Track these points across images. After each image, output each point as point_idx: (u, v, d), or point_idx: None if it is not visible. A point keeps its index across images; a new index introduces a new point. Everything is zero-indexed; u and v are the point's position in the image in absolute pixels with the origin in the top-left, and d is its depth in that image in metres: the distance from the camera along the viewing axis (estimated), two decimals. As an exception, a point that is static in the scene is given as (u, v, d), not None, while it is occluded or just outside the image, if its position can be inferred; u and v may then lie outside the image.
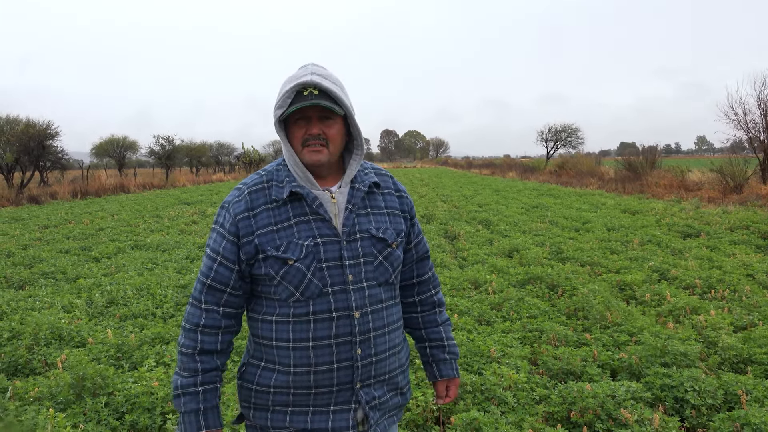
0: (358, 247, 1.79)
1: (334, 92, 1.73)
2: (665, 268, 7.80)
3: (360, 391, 1.79)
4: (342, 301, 1.75)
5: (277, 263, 1.73)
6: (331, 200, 1.80)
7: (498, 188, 26.12)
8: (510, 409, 3.87)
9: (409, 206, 1.99)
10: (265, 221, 1.75)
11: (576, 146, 55.84)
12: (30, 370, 4.74)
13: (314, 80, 1.71)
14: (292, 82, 1.74)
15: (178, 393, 1.76)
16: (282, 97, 1.73)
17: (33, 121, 28.02)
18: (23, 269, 8.65)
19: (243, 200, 1.78)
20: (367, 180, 1.87)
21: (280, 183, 1.80)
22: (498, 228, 12.38)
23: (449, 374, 2.07)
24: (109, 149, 42.12)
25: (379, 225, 1.85)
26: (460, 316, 5.82)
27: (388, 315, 1.85)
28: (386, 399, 1.87)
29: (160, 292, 6.85)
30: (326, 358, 1.74)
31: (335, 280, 1.75)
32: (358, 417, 1.81)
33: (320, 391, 1.77)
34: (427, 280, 2.08)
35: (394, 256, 1.86)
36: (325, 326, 1.74)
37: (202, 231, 13.15)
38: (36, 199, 23.11)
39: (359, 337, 1.76)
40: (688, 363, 4.49)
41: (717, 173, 20.84)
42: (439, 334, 2.08)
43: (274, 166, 1.86)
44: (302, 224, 1.76)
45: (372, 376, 1.81)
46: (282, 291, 1.75)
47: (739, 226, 11.70)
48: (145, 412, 3.71)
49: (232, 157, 56.10)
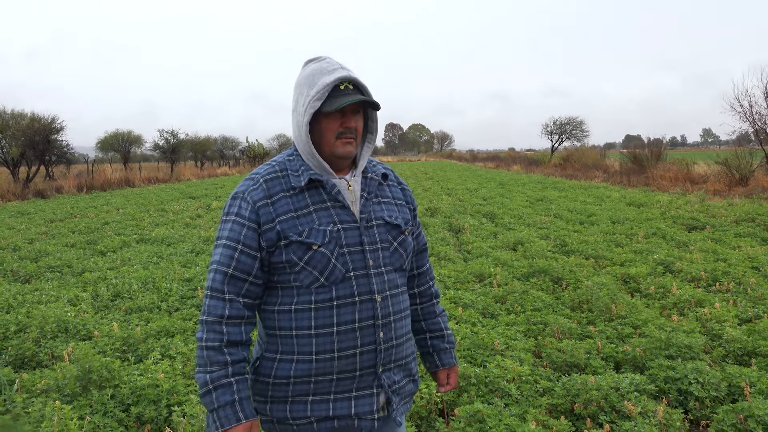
0: (375, 233, 1.84)
1: (367, 88, 1.80)
2: (670, 260, 7.78)
3: (382, 375, 1.83)
4: (364, 285, 1.78)
5: (301, 249, 1.74)
6: (347, 188, 1.84)
7: (502, 181, 26.07)
8: (514, 401, 3.88)
9: (411, 199, 2.06)
10: (285, 208, 1.77)
11: (581, 139, 55.74)
12: (37, 363, 4.78)
13: (351, 76, 1.77)
14: (328, 75, 1.77)
15: (209, 388, 1.71)
16: (321, 91, 1.75)
17: (38, 116, 28.08)
18: (29, 263, 8.69)
19: (260, 188, 1.79)
20: (378, 170, 1.95)
21: (295, 172, 1.82)
22: (502, 221, 12.37)
23: (450, 363, 2.13)
24: (114, 143, 42.20)
25: (390, 213, 1.91)
26: (464, 309, 5.83)
27: (403, 300, 1.91)
28: (403, 384, 1.92)
29: (165, 285, 6.88)
30: (350, 342, 1.76)
31: (357, 264, 1.78)
32: (380, 401, 1.84)
33: (343, 377, 1.78)
34: (425, 272, 2.13)
35: (407, 243, 1.92)
36: (349, 311, 1.76)
37: (207, 225, 13.18)
38: (42, 193, 23.20)
39: (381, 320, 1.80)
40: (693, 355, 4.49)
41: (722, 166, 20.74)
42: (438, 324, 2.13)
43: (284, 156, 1.88)
44: (321, 211, 1.79)
45: (392, 360, 1.85)
46: (305, 277, 1.76)
47: (745, 218, 11.65)
48: (151, 404, 3.73)
49: (237, 151, 56.14)
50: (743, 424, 3.45)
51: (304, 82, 1.81)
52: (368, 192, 1.88)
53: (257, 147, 49.57)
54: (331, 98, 1.76)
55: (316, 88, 1.76)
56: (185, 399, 3.77)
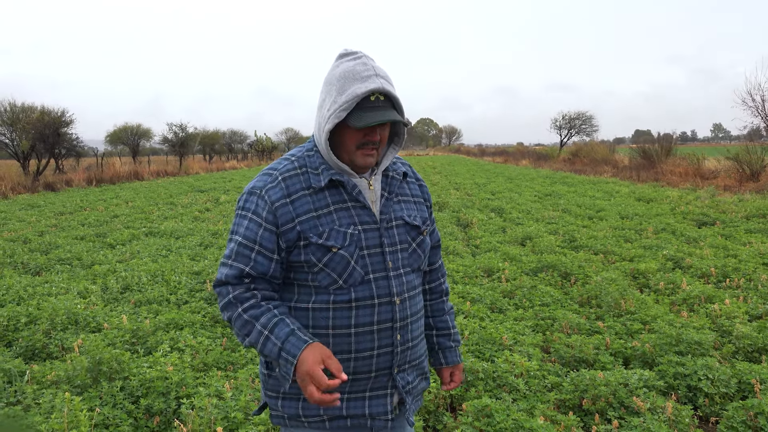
0: (394, 234, 1.81)
1: (399, 100, 1.72)
2: (680, 256, 7.74)
3: (397, 376, 1.81)
4: (384, 288, 1.76)
5: (320, 251, 1.70)
6: (368, 187, 1.80)
7: (511, 176, 25.98)
8: (522, 396, 3.87)
9: (428, 195, 2.02)
10: (305, 207, 1.72)
11: (590, 134, 55.45)
12: (47, 355, 4.81)
13: (384, 87, 1.67)
14: (360, 83, 1.67)
15: (266, 335, 1.66)
16: (350, 101, 1.66)
17: (48, 109, 28.23)
18: (40, 255, 8.74)
19: (278, 186, 1.72)
20: (399, 169, 1.89)
21: (315, 170, 1.76)
22: (511, 216, 12.33)
23: (454, 361, 2.11)
24: (123, 137, 42.35)
25: (410, 213, 1.87)
26: (472, 303, 5.82)
27: (419, 301, 1.90)
28: (416, 383, 1.91)
29: (174, 278, 6.91)
30: (367, 344, 1.74)
31: (376, 267, 1.75)
32: (394, 401, 1.83)
33: (358, 378, 1.77)
34: (437, 269, 2.11)
35: (425, 243, 1.90)
36: (368, 313, 1.74)
37: (216, 218, 13.22)
38: (52, 186, 23.33)
39: (399, 323, 1.78)
40: (702, 352, 4.46)
41: (733, 161, 20.58)
42: (446, 322, 2.11)
43: (303, 151, 1.81)
44: (342, 211, 1.74)
45: (407, 361, 1.84)
46: (323, 278, 1.73)
47: (756, 214, 11.56)
48: (160, 397, 3.75)
49: (245, 145, 56.22)
50: (753, 420, 3.43)
51: (335, 83, 1.71)
52: (389, 191, 1.83)
53: (265, 141, 49.64)
54: (359, 110, 1.67)
55: (345, 96, 1.67)
56: (194, 392, 3.79)
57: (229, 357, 4.58)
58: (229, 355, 4.61)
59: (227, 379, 4.06)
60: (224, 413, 3.44)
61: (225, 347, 4.83)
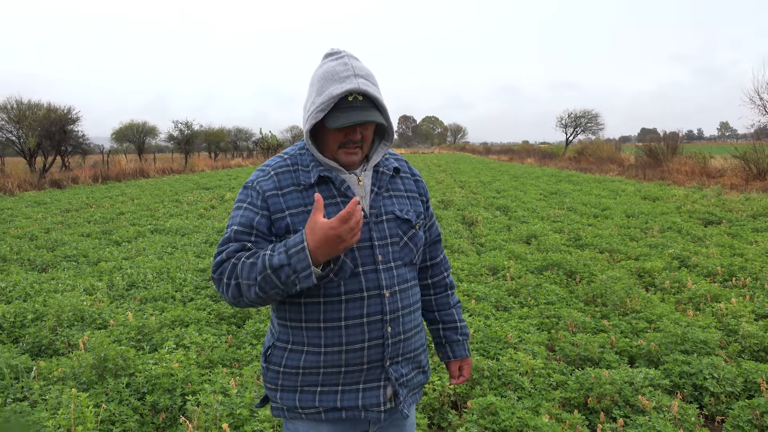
0: (385, 228, 1.83)
1: (379, 99, 1.74)
2: (685, 255, 7.71)
3: (389, 368, 1.83)
4: (372, 281, 1.78)
5: None
6: (357, 183, 1.83)
7: (516, 174, 25.93)
8: (527, 394, 3.87)
9: (425, 190, 2.04)
10: (296, 202, 1.76)
11: (596, 132, 55.29)
12: (53, 351, 4.83)
13: (361, 87, 1.69)
14: (338, 84, 1.70)
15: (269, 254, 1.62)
16: (325, 102, 1.69)
17: (54, 106, 28.36)
18: (46, 252, 8.79)
19: (270, 180, 1.79)
20: (390, 164, 1.93)
21: (305, 167, 1.81)
22: (516, 214, 12.31)
23: (462, 354, 2.13)
24: (129, 134, 42.48)
25: (402, 207, 1.89)
26: (477, 301, 5.82)
27: (412, 294, 1.90)
28: (412, 376, 1.92)
29: (180, 275, 6.93)
30: (358, 336, 1.77)
31: (366, 260, 1.78)
32: (387, 394, 1.85)
33: (350, 370, 1.80)
34: (439, 263, 2.12)
35: (417, 237, 1.91)
36: (357, 305, 1.76)
37: (221, 216, 13.25)
38: (58, 183, 23.41)
39: (389, 315, 1.80)
40: (708, 351, 4.45)
41: (740, 160, 20.49)
42: (452, 316, 2.13)
43: (296, 149, 1.87)
44: (331, 206, 1.77)
45: (400, 353, 1.86)
46: None
47: (762, 213, 11.51)
48: (166, 393, 3.76)
49: (250, 143, 56.28)
50: (759, 420, 3.42)
51: (315, 84, 1.76)
52: (379, 186, 1.86)
53: (270, 138, 49.68)
54: (337, 111, 1.70)
55: (322, 97, 1.71)
56: (199, 388, 3.80)
57: (235, 354, 4.59)
58: (235, 352, 4.62)
59: (232, 376, 4.07)
60: (230, 410, 3.46)
61: (230, 344, 4.85)
